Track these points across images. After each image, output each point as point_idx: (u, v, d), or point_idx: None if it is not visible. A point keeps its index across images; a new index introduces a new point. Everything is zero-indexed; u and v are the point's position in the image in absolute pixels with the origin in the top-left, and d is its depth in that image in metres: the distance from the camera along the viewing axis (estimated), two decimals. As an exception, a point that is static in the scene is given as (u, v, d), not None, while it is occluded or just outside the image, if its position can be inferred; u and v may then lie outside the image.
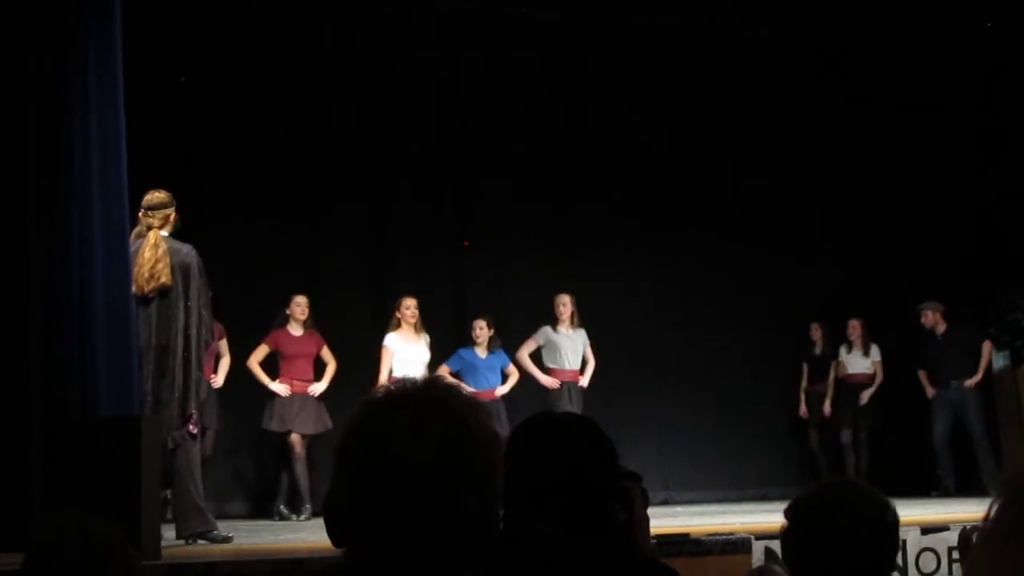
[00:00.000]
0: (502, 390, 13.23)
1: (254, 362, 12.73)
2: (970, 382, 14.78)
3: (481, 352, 13.34)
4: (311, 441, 12.72)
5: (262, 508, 13.13)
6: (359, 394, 9.80)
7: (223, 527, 9.28)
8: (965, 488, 14.35)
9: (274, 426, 12.68)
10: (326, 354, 12.95)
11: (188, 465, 8.86)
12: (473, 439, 1.94)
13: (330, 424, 12.67)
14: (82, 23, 8.38)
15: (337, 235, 14.07)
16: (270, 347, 12.80)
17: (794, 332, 15.34)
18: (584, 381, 13.52)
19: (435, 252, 14.51)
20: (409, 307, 12.93)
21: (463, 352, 13.37)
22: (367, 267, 14.35)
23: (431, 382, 2.06)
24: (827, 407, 15.04)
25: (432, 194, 14.49)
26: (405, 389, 2.03)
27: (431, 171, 14.43)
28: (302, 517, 12.36)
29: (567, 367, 13.53)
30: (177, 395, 8.77)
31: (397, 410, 1.94)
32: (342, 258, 14.11)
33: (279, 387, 12.65)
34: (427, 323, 13.12)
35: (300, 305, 12.87)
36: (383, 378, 12.45)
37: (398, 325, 12.91)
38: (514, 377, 13.35)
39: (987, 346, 14.95)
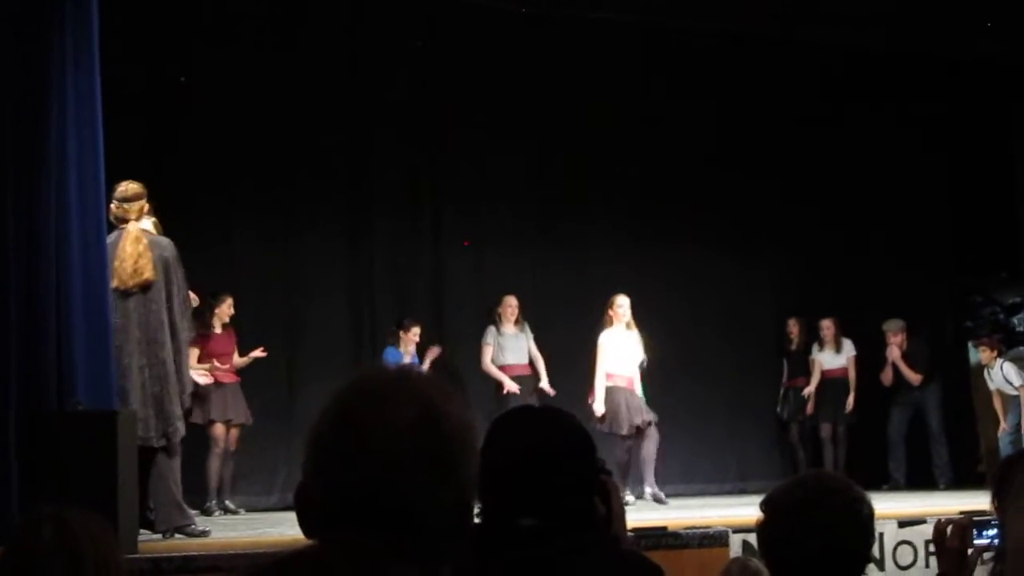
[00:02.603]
0: None
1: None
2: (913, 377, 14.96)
3: (407, 358, 13.44)
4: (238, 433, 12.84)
5: (246, 502, 13.10)
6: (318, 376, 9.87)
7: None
8: (915, 482, 14.53)
9: (196, 419, 12.60)
10: (237, 357, 12.97)
11: (169, 460, 8.85)
12: (447, 429, 1.92)
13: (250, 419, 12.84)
14: (58, 12, 8.37)
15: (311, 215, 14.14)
16: (199, 348, 12.74)
17: (773, 327, 15.38)
18: (544, 382, 13.59)
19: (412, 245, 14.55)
20: (622, 305, 13.27)
21: (390, 351, 13.50)
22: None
23: (405, 371, 2.04)
24: (810, 408, 15.10)
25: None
26: (378, 379, 2.01)
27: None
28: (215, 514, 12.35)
29: (515, 362, 13.70)
30: (172, 388, 8.76)
31: (370, 401, 1.93)
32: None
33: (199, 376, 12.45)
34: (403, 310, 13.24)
35: (231, 306, 12.93)
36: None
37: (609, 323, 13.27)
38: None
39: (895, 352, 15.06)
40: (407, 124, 14.30)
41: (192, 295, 9.38)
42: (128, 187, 8.99)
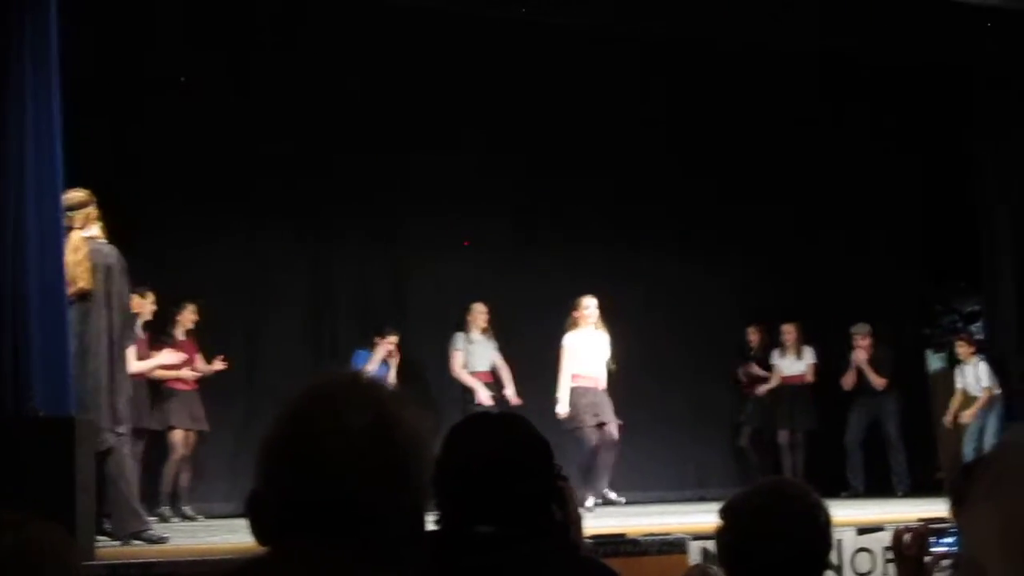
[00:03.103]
0: None
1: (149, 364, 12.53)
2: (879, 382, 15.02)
3: (373, 365, 13.44)
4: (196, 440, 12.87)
5: (205, 508, 13.05)
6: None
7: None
8: (873, 490, 14.59)
9: (154, 424, 12.56)
10: (200, 363, 12.93)
11: (120, 465, 8.80)
12: (400, 436, 1.91)
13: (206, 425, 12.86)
14: (16, 15, 8.32)
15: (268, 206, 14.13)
16: (156, 353, 12.69)
17: (733, 334, 15.40)
18: (509, 391, 13.60)
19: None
20: (589, 307, 13.25)
21: (359, 354, 13.52)
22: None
23: (359, 378, 2.03)
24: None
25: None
26: (332, 385, 2.00)
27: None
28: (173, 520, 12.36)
29: (480, 369, 13.74)
30: (103, 396, 8.69)
31: (323, 408, 1.92)
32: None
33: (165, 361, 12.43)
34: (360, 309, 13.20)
35: (193, 312, 12.87)
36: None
37: (575, 324, 13.26)
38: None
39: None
40: (369, 130, 14.25)
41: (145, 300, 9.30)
42: (72, 195, 8.84)
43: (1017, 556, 0.95)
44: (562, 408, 13.00)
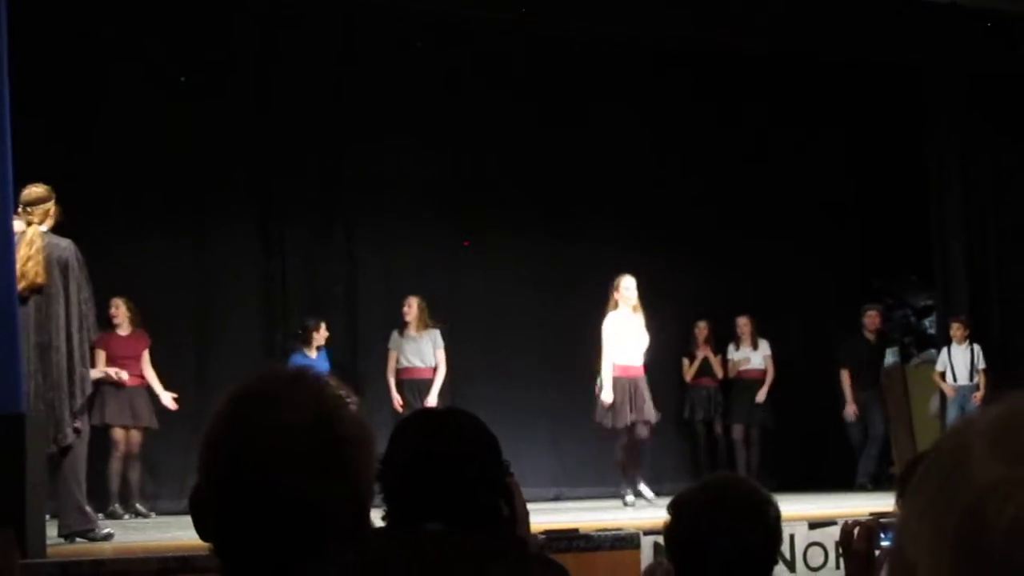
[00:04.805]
0: None
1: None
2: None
3: (311, 352, 13.44)
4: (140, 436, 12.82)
5: (157, 505, 13.02)
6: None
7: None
8: (836, 483, 14.58)
9: (94, 421, 12.50)
10: (145, 359, 12.88)
11: (73, 464, 8.75)
12: (342, 433, 1.91)
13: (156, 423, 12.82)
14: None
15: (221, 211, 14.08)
16: (103, 351, 12.62)
17: (683, 329, 15.40)
18: (433, 394, 13.48)
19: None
20: (629, 287, 12.75)
21: (295, 358, 13.40)
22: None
23: (301, 374, 2.02)
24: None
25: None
26: (273, 381, 1.99)
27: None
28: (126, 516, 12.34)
29: (415, 365, 13.65)
30: (64, 394, 8.65)
31: (263, 406, 1.91)
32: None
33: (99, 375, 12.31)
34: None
35: (119, 307, 12.79)
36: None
37: (615, 306, 12.74)
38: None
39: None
40: (318, 126, 14.24)
41: None
42: (31, 191, 8.80)
43: (945, 550, 0.95)
44: (607, 396, 12.51)
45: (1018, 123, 14.55)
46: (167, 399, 12.77)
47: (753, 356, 15.13)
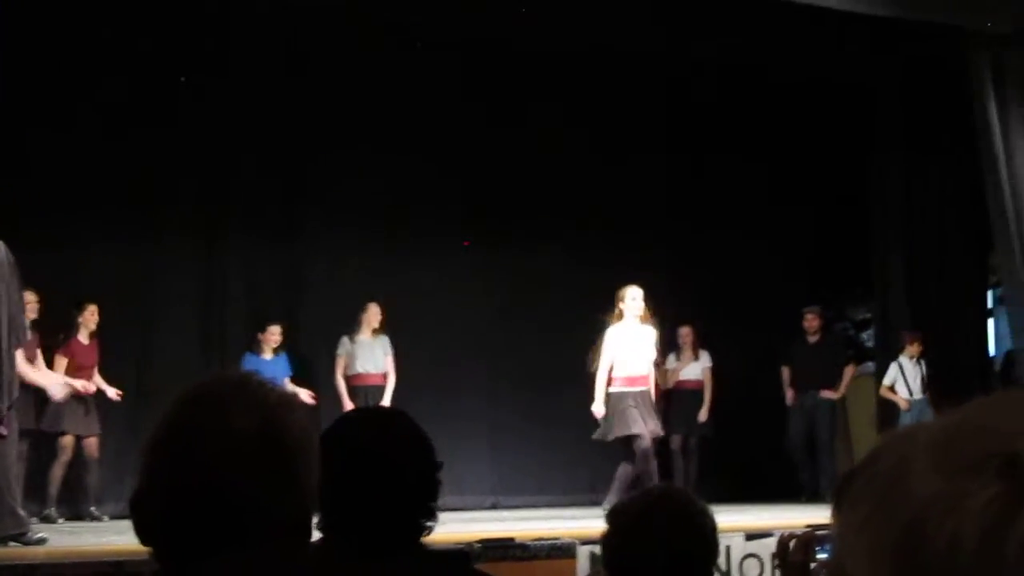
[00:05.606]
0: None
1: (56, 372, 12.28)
2: (827, 393, 15.03)
3: (266, 355, 13.43)
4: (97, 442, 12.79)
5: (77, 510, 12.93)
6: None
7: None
8: (782, 495, 14.56)
9: (45, 426, 12.40)
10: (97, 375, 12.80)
11: (2, 465, 8.64)
12: (287, 438, 1.90)
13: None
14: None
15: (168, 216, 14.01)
16: (66, 357, 12.53)
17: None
18: (387, 399, 13.37)
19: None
20: (635, 298, 12.49)
21: (248, 358, 13.39)
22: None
23: (246, 380, 2.01)
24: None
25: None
26: (218, 385, 1.98)
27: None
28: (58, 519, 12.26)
29: (367, 371, 13.65)
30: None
31: (209, 407, 1.90)
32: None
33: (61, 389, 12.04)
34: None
35: (94, 313, 12.74)
36: None
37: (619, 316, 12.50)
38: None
39: (849, 369, 15.31)
40: (266, 131, 14.19)
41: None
42: None
43: (884, 565, 0.93)
44: (598, 408, 12.10)
45: (958, 138, 14.59)
46: (112, 393, 12.71)
47: (692, 367, 15.14)
